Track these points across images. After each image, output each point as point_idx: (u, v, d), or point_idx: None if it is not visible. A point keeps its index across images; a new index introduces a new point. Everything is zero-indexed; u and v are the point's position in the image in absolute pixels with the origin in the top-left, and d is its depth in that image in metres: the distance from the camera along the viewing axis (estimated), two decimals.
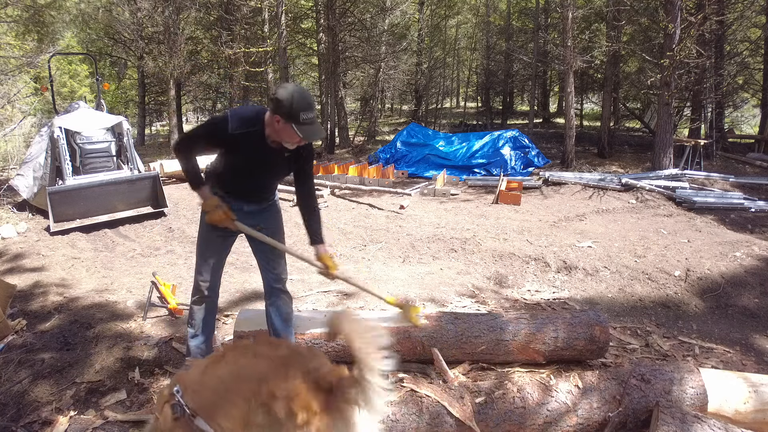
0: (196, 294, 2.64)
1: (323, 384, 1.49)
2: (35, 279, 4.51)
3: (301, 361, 1.57)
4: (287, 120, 2.18)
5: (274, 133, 2.28)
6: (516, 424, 2.24)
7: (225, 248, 2.66)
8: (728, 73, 11.49)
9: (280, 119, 2.19)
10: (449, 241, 5.72)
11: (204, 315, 2.66)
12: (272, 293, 2.69)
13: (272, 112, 2.22)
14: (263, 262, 2.67)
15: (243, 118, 2.29)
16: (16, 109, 12.67)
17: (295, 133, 2.20)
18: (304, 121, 2.18)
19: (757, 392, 2.31)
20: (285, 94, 2.16)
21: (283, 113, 2.17)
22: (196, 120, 26.72)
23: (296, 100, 2.15)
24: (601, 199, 8.08)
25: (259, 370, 1.55)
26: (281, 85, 2.27)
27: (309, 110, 2.18)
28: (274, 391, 1.48)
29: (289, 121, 2.18)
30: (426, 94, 18.84)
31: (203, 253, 2.59)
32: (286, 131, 2.22)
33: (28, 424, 2.43)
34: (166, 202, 7.06)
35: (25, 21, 11.96)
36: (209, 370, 1.64)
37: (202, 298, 2.64)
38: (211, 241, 2.58)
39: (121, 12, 14.74)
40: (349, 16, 13.72)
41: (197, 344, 2.67)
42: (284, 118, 2.18)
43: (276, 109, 2.19)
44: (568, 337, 2.84)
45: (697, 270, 4.56)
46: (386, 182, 8.90)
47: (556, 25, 15.86)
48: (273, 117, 2.22)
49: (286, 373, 1.52)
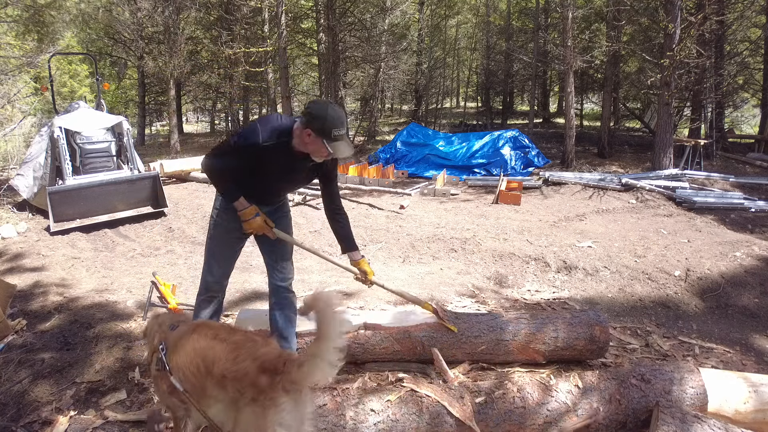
0: (206, 293, 2.65)
1: (269, 367, 1.67)
2: (35, 279, 4.51)
3: (251, 347, 1.75)
4: (318, 135, 2.22)
5: (303, 145, 2.31)
6: (516, 424, 2.24)
7: (239, 249, 2.69)
8: (728, 73, 11.49)
9: (311, 133, 2.23)
10: (449, 241, 5.72)
11: (210, 314, 2.68)
12: (278, 293, 2.70)
13: (304, 126, 2.25)
14: (271, 262, 2.69)
15: (274, 130, 2.31)
16: (16, 109, 12.67)
17: (326, 149, 2.24)
18: (336, 137, 2.22)
19: (757, 392, 2.31)
20: (319, 110, 2.22)
21: (315, 128, 2.21)
22: (196, 120, 26.73)
23: (330, 116, 2.20)
24: (601, 199, 8.08)
25: (215, 353, 1.77)
26: (315, 101, 2.32)
27: (341, 127, 2.23)
28: (224, 372, 1.71)
29: (321, 136, 2.21)
30: (426, 94, 18.84)
31: (216, 255, 2.61)
32: (316, 145, 2.26)
33: (28, 424, 2.43)
34: (166, 202, 7.07)
35: (25, 21, 11.96)
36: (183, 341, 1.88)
37: (212, 298, 2.66)
38: (226, 242, 2.60)
39: (121, 12, 14.74)
40: (349, 16, 13.71)
41: None
42: (316, 133, 2.22)
43: (308, 123, 2.22)
44: (568, 337, 2.84)
45: (697, 270, 4.56)
46: (386, 182, 8.90)
47: (556, 25, 15.86)
48: (304, 130, 2.25)
49: (236, 356, 1.72)
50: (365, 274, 2.66)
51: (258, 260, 4.86)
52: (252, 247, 2.72)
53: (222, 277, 2.65)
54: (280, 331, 2.68)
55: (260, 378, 1.65)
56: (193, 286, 4.45)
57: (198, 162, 9.77)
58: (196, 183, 9.24)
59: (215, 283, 2.63)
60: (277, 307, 2.70)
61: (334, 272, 4.91)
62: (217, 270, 2.61)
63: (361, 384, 2.55)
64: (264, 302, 4.02)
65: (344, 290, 4.26)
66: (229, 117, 17.89)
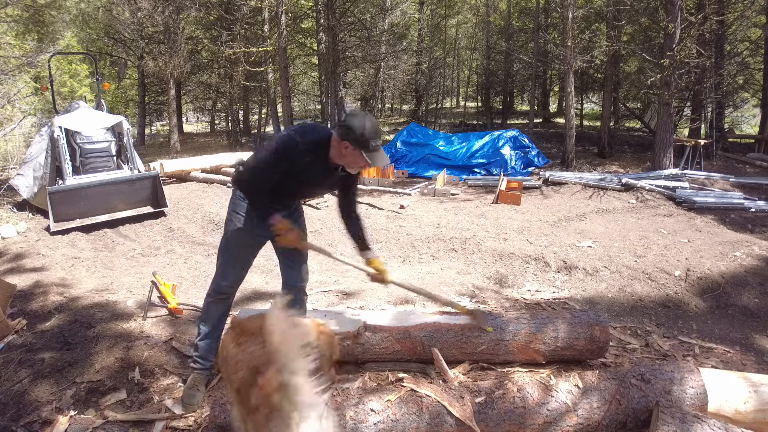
0: (217, 295, 2.64)
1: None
2: (35, 279, 4.51)
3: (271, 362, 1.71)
4: (357, 146, 2.24)
5: (339, 157, 2.32)
6: (516, 424, 2.24)
7: (253, 254, 2.69)
8: (728, 73, 11.48)
9: (349, 146, 2.25)
10: (449, 241, 5.72)
11: (219, 315, 2.69)
12: (291, 293, 2.71)
13: (341, 138, 2.26)
14: (288, 262, 2.71)
15: (312, 142, 2.31)
16: (16, 108, 12.67)
17: (364, 160, 2.27)
18: (373, 148, 2.25)
19: (757, 392, 2.31)
20: (357, 122, 2.23)
21: (353, 140, 2.23)
22: (196, 120, 26.73)
23: (367, 129, 2.22)
24: (601, 199, 8.08)
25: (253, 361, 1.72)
26: (352, 113, 2.34)
27: (377, 138, 2.26)
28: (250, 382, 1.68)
29: (359, 148, 2.24)
30: (426, 94, 18.85)
31: (232, 259, 2.60)
32: (353, 157, 2.28)
33: (28, 424, 2.43)
34: (166, 202, 7.06)
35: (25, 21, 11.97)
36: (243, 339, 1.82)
37: (223, 300, 2.66)
38: (246, 246, 2.60)
39: (121, 12, 14.74)
40: (349, 16, 13.72)
41: (208, 342, 2.68)
42: (353, 145, 2.24)
43: (346, 136, 2.24)
44: (568, 337, 2.84)
45: (697, 270, 4.56)
46: (386, 182, 8.90)
47: (556, 25, 15.87)
48: (341, 143, 2.27)
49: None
50: (382, 274, 2.64)
51: (258, 260, 4.85)
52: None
53: (236, 282, 2.65)
54: None
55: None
56: (193, 285, 4.45)
57: (198, 162, 9.84)
58: (196, 183, 9.24)
59: (228, 287, 2.63)
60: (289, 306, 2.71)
61: (333, 272, 4.91)
62: (232, 274, 2.61)
63: (361, 384, 2.55)
64: (264, 302, 4.02)
65: (344, 290, 4.26)
66: (229, 117, 17.88)
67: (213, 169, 9.59)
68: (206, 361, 2.68)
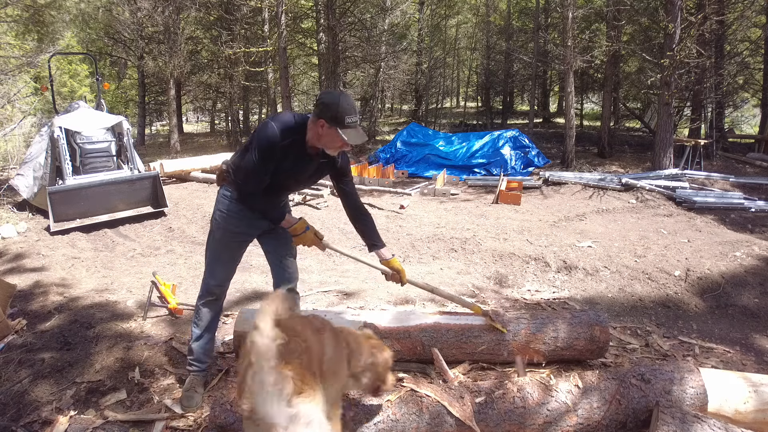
0: (207, 296, 2.62)
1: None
2: (35, 279, 4.51)
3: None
4: (332, 124, 2.18)
5: (316, 138, 2.27)
6: (516, 424, 2.24)
7: (242, 252, 2.65)
8: (728, 73, 11.48)
9: (324, 123, 2.19)
10: (449, 241, 5.72)
11: (212, 317, 2.66)
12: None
13: (317, 117, 2.21)
14: (277, 261, 2.68)
15: (288, 128, 2.26)
16: (16, 108, 12.67)
17: (340, 137, 2.20)
18: (349, 125, 2.19)
19: (757, 392, 2.31)
20: (331, 98, 2.19)
21: (328, 117, 2.17)
22: (196, 120, 26.73)
23: (342, 104, 2.16)
24: (601, 199, 8.08)
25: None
26: (326, 91, 2.28)
27: (353, 114, 2.20)
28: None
29: (334, 125, 2.18)
30: (426, 94, 18.84)
31: (219, 258, 2.56)
32: (330, 136, 2.22)
33: (28, 424, 2.42)
34: (166, 202, 7.07)
35: (25, 21, 11.97)
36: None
37: (214, 301, 2.63)
38: (231, 246, 2.57)
39: (121, 12, 14.74)
40: (349, 16, 13.72)
41: (202, 344, 2.67)
42: (329, 122, 2.18)
43: (321, 113, 2.19)
44: (568, 337, 2.84)
45: (697, 270, 4.56)
46: (386, 182, 8.91)
47: (556, 25, 15.87)
48: (317, 122, 2.21)
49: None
50: (399, 273, 2.59)
51: (258, 260, 4.87)
52: (252, 247, 2.72)
53: (224, 281, 2.62)
54: None
55: None
56: (193, 285, 4.45)
57: (198, 162, 9.83)
58: (196, 183, 9.24)
59: (217, 287, 2.60)
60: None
61: (333, 272, 4.92)
62: (220, 274, 2.58)
63: None
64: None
65: (344, 290, 4.26)
66: (229, 117, 17.89)
67: (213, 169, 9.60)
68: (202, 363, 2.67)
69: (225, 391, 2.65)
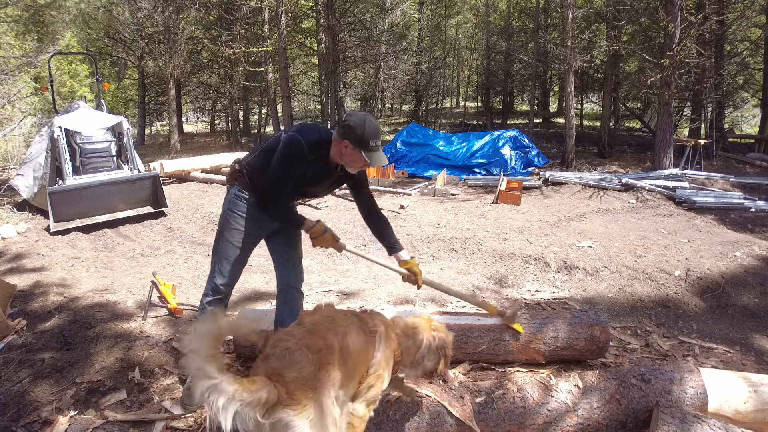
0: (214, 295, 2.62)
1: None
2: (35, 279, 4.51)
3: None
4: (356, 146, 2.25)
5: (339, 156, 2.35)
6: (516, 424, 2.24)
7: (248, 254, 2.67)
8: (728, 73, 11.48)
9: (349, 144, 2.27)
10: (449, 241, 5.72)
11: None
12: (287, 292, 2.70)
13: (341, 137, 2.28)
14: (283, 261, 2.70)
15: (315, 143, 2.33)
16: (16, 109, 12.68)
17: (362, 159, 2.28)
18: (372, 148, 2.27)
19: (757, 392, 2.31)
20: (357, 122, 2.25)
21: (353, 139, 2.25)
22: (196, 120, 26.72)
23: (368, 129, 2.24)
24: (601, 199, 8.08)
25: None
26: (352, 113, 2.35)
27: (377, 138, 2.28)
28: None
29: (358, 148, 2.25)
30: (426, 94, 18.85)
31: (229, 258, 2.57)
32: (352, 156, 2.30)
33: (28, 424, 2.43)
34: (166, 202, 7.07)
35: (25, 21, 11.98)
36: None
37: (219, 300, 2.63)
38: (241, 247, 2.58)
39: (121, 12, 14.75)
40: (349, 16, 13.73)
41: None
42: (353, 144, 2.25)
43: (346, 135, 2.26)
44: (568, 337, 2.84)
45: (697, 270, 4.56)
46: (386, 182, 8.91)
47: (556, 25, 15.87)
48: (341, 142, 2.29)
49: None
50: (415, 275, 2.62)
51: (258, 260, 4.87)
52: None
53: (232, 280, 2.63)
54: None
55: None
56: (193, 286, 4.45)
57: (198, 162, 9.82)
58: (196, 183, 9.24)
59: (224, 286, 2.60)
60: (286, 306, 2.69)
61: (334, 272, 4.92)
62: (228, 273, 2.59)
63: None
64: (264, 302, 4.02)
65: (344, 290, 4.26)
66: (229, 117, 17.89)
67: (213, 169, 9.60)
68: None
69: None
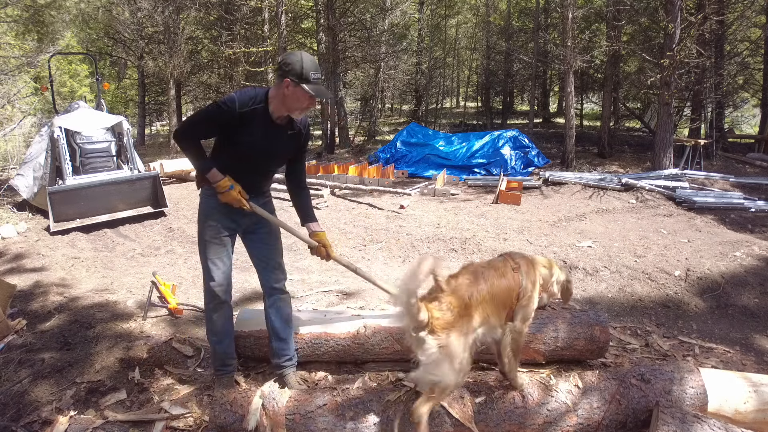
0: (212, 300, 2.57)
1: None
2: (35, 279, 4.51)
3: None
4: (298, 81, 2.22)
5: (281, 102, 2.30)
6: (516, 424, 2.24)
7: (229, 249, 2.60)
8: (728, 73, 11.48)
9: (290, 83, 2.23)
10: (449, 241, 5.72)
11: (224, 321, 2.62)
12: (272, 294, 2.66)
13: (281, 77, 2.25)
14: (262, 264, 2.65)
15: (248, 96, 2.31)
16: (16, 108, 12.68)
17: (306, 94, 2.24)
18: (314, 80, 2.24)
19: (757, 392, 2.31)
20: (294, 58, 2.24)
21: (293, 75, 2.22)
22: None
23: (305, 62, 2.22)
24: (601, 199, 8.08)
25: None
26: (287, 53, 2.36)
27: (317, 71, 2.26)
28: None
29: (300, 82, 2.22)
30: (426, 94, 18.84)
31: (210, 257, 2.53)
32: (296, 95, 2.26)
33: (28, 424, 2.43)
34: (166, 202, 7.07)
35: (25, 21, 11.99)
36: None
37: (220, 304, 2.59)
38: (215, 242, 2.53)
39: (121, 12, 14.75)
40: (349, 16, 13.72)
41: (224, 349, 2.66)
42: (295, 80, 2.22)
43: (285, 73, 2.23)
44: (568, 337, 2.84)
45: (697, 270, 4.56)
46: (386, 182, 8.90)
47: (556, 25, 15.87)
48: (282, 83, 2.25)
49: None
50: (325, 247, 2.58)
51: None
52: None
53: (224, 279, 2.56)
54: (277, 333, 2.65)
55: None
56: (193, 286, 4.45)
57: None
58: None
59: (219, 286, 2.54)
60: (273, 309, 2.65)
61: (334, 272, 4.91)
62: (217, 272, 2.54)
63: (361, 384, 2.55)
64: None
65: (344, 290, 4.26)
66: None
67: None
68: (230, 367, 2.69)
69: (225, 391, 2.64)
